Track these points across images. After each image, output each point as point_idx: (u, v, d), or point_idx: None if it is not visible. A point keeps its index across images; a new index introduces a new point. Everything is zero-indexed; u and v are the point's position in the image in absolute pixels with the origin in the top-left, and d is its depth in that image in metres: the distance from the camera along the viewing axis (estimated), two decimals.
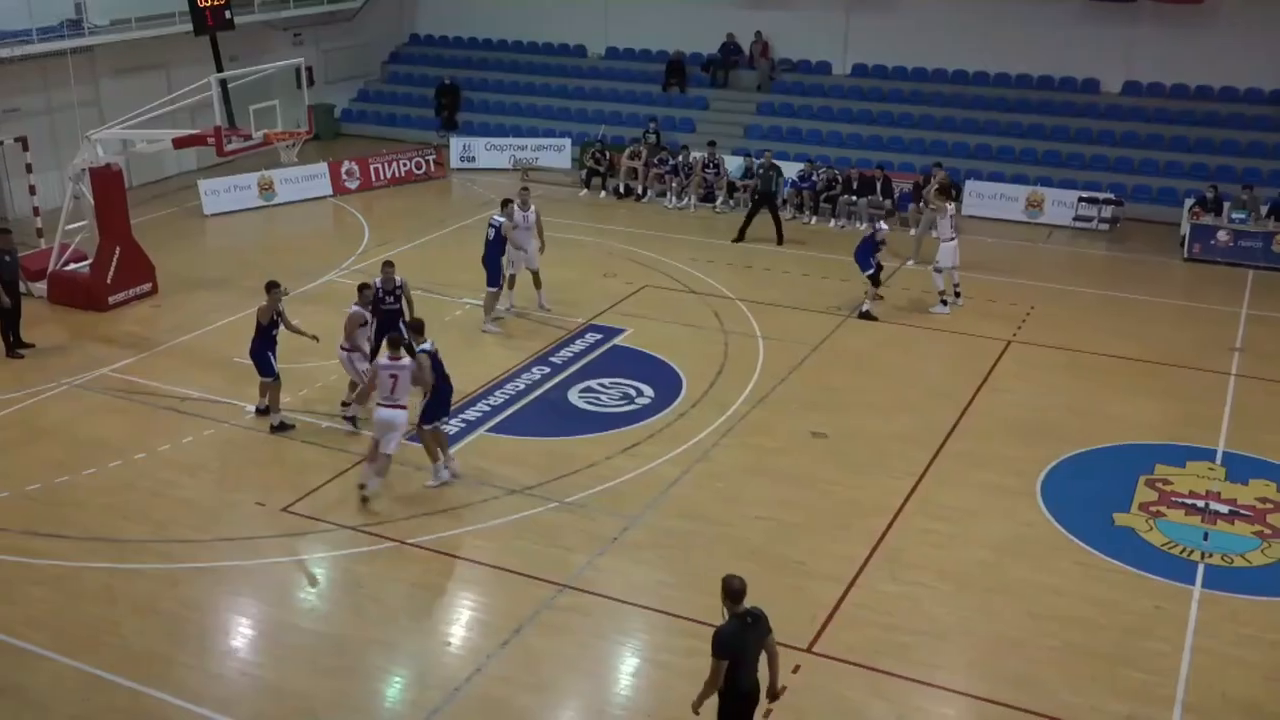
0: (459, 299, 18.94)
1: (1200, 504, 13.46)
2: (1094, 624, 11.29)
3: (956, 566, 12.19)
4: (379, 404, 13.20)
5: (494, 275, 18.11)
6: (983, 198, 25.23)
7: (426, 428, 13.54)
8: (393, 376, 13.03)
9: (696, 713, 8.52)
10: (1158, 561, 12.33)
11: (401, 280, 15.63)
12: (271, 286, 14.98)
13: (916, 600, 11.61)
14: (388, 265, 15.74)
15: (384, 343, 13.57)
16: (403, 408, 13.17)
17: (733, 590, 8.30)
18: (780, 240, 23.01)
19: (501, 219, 18.08)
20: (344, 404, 15.29)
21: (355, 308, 14.82)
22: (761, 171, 23.84)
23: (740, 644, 8.29)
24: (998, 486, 13.80)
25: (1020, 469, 14.19)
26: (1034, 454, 14.55)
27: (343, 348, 14.92)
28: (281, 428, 15.06)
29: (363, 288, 15.05)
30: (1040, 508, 13.37)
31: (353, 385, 15.06)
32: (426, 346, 13.43)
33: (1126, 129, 26.45)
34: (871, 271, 18.81)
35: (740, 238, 23.13)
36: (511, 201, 18.54)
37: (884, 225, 19.15)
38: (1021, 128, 27.14)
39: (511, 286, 18.87)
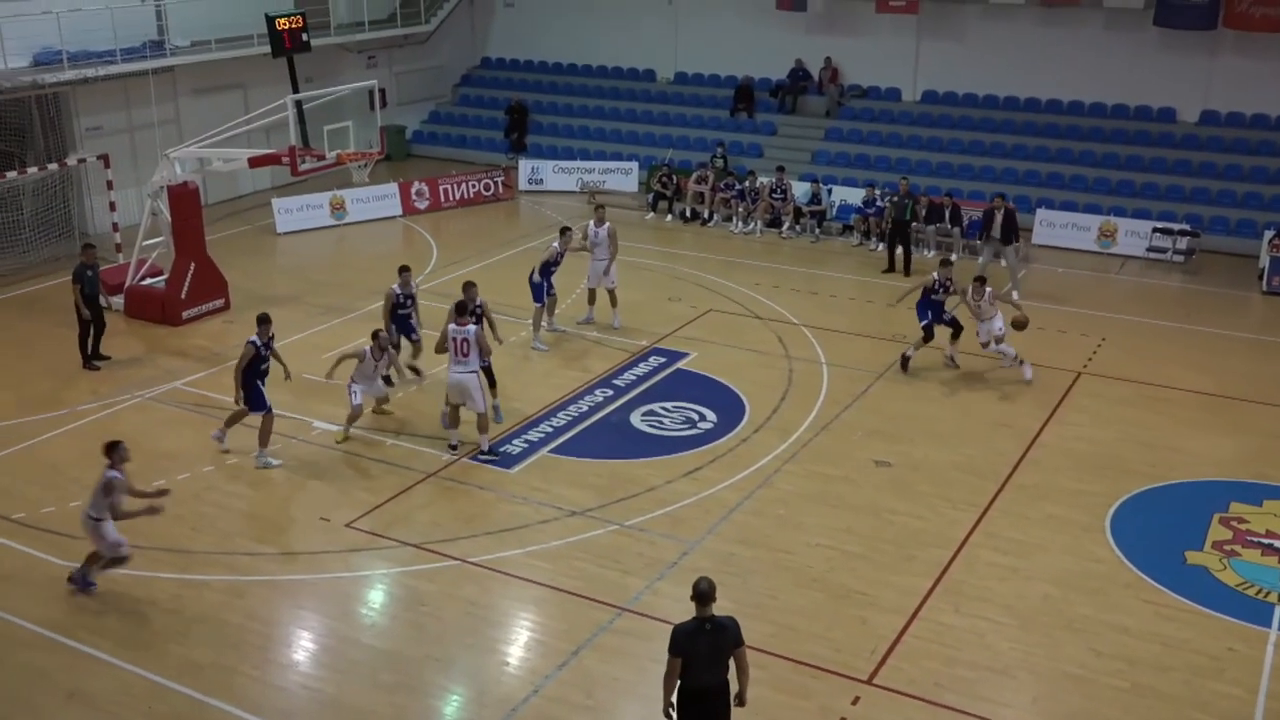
0: (525, 320, 19.06)
1: (1278, 544, 13.12)
2: (1163, 665, 11.04)
3: (1021, 601, 12.00)
4: (451, 369, 14.54)
5: (536, 293, 18.49)
6: (1054, 227, 24.92)
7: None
8: (464, 341, 14.40)
9: (667, 716, 8.74)
10: (1231, 602, 12.03)
11: (481, 301, 15.95)
12: (264, 320, 14.84)
13: (980, 634, 11.44)
14: (470, 286, 15.84)
15: (453, 309, 14.83)
16: (474, 371, 14.54)
17: (698, 592, 8.53)
18: (908, 272, 22.52)
19: (555, 245, 18.54)
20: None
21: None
22: (895, 199, 23.15)
23: (692, 645, 8.49)
24: (1065, 521, 13.58)
25: (1088, 503, 13.95)
26: (1103, 488, 14.30)
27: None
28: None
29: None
30: (1109, 543, 13.12)
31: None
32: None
33: (1204, 159, 25.98)
34: (926, 323, 17.65)
35: (891, 267, 22.86)
36: (569, 229, 18.85)
37: (935, 275, 17.71)
38: (1094, 156, 26.80)
39: (592, 301, 19.51)
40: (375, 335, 15.52)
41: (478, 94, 34.66)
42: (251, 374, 14.62)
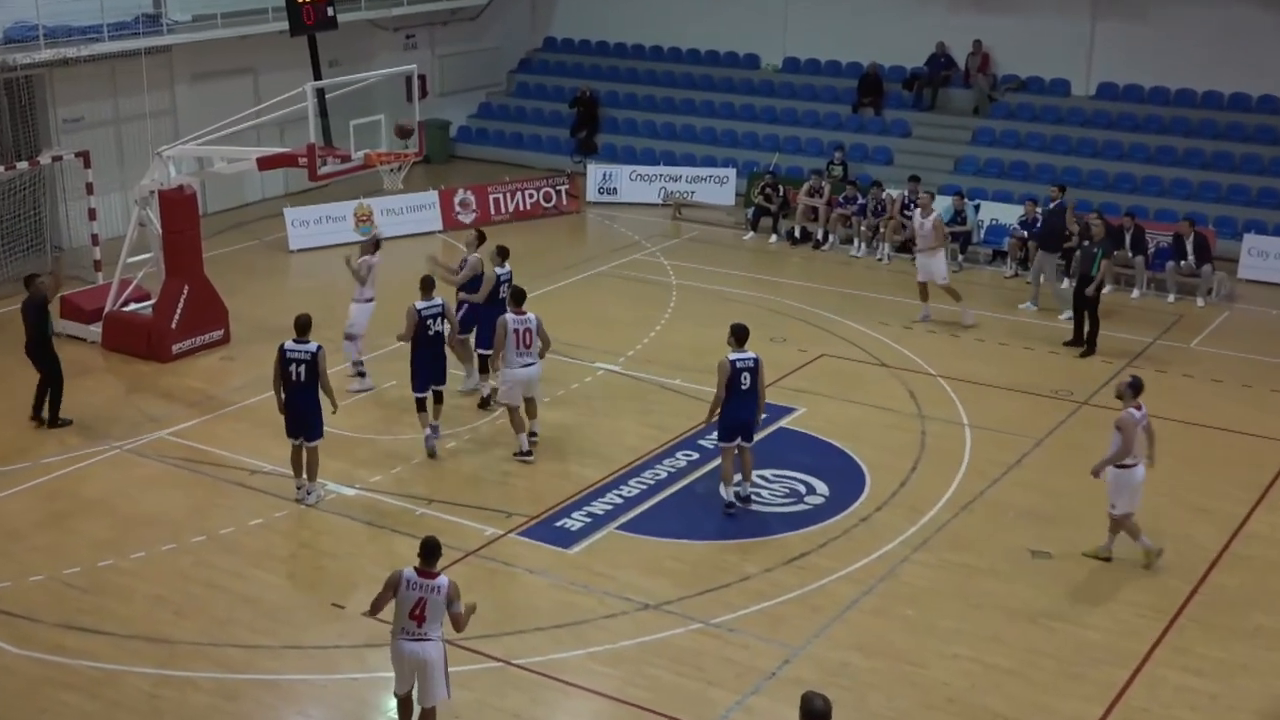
0: (591, 363, 19.17)
1: None
2: None
3: None
4: (514, 364, 16.19)
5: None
6: (1265, 257, 24.55)
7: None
8: (527, 331, 16.14)
9: None
10: None
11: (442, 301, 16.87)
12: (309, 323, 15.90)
13: None
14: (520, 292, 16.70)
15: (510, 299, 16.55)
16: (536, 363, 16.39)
17: (811, 710, 8.57)
18: (1085, 347, 20.79)
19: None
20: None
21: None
22: (1084, 245, 21.21)
23: None
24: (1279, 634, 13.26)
25: None
26: None
27: None
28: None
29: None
30: None
31: None
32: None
33: None
34: None
35: (1089, 350, 20.66)
36: (506, 248, 18.73)
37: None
38: None
39: (924, 298, 22.08)
40: None
41: (538, 83, 35.13)
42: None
